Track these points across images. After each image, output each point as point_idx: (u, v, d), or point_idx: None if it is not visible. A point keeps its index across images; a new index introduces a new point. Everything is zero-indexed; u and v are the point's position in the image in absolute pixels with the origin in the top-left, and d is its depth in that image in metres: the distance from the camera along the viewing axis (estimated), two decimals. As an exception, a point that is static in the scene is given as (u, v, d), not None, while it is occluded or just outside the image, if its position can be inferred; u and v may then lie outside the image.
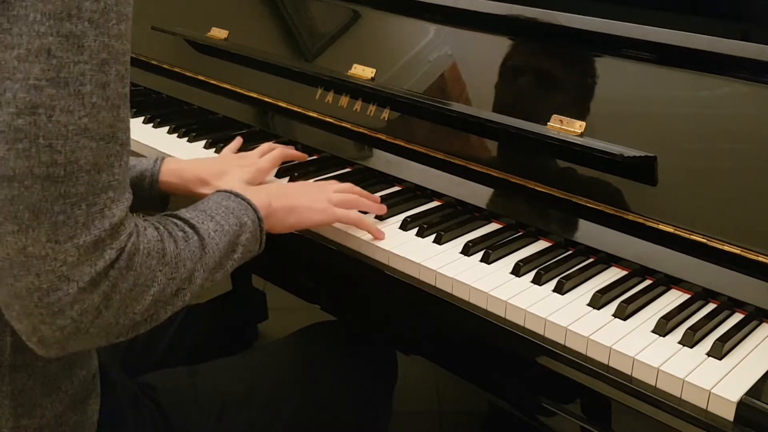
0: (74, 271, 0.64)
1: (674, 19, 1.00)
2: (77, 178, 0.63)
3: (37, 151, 0.62)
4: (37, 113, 0.61)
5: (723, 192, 0.90)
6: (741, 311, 0.86)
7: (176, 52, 1.53)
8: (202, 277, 0.77)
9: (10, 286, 0.64)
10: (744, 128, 0.91)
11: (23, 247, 0.63)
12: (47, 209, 0.62)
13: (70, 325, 0.65)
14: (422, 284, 0.93)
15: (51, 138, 0.62)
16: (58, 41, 0.61)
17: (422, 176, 1.13)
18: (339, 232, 1.01)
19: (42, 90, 0.61)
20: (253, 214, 0.87)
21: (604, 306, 0.86)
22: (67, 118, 0.62)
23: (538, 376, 0.88)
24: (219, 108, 1.43)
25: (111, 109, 0.65)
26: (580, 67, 1.05)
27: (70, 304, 0.64)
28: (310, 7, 1.38)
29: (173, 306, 0.74)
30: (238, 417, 0.97)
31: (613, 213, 0.94)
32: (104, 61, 0.64)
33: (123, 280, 0.67)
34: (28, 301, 0.64)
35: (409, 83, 1.18)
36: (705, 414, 0.72)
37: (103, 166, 0.65)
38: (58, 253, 0.63)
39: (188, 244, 0.76)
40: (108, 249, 0.65)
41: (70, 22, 0.61)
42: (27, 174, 0.62)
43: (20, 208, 0.62)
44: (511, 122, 1.03)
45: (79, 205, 0.64)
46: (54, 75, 0.62)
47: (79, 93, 0.63)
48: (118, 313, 0.68)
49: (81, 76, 0.63)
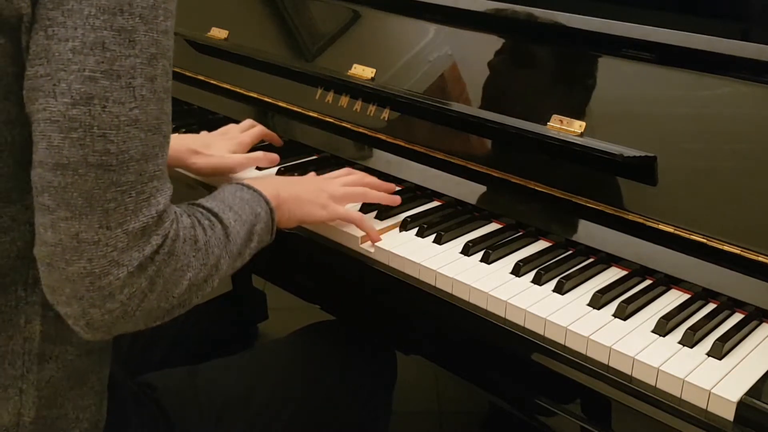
0: (124, 256, 0.67)
1: (674, 19, 1.00)
2: (128, 167, 0.66)
3: (92, 140, 0.64)
4: (91, 104, 0.64)
5: (723, 192, 0.90)
6: (741, 311, 0.86)
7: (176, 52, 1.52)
8: (227, 264, 0.80)
9: (62, 270, 0.66)
10: (744, 128, 0.91)
11: (76, 233, 0.65)
12: (99, 196, 0.65)
13: (119, 309, 0.68)
14: (422, 284, 0.93)
15: (105, 128, 0.64)
16: (111, 35, 0.64)
17: (422, 176, 1.13)
18: (339, 232, 1.01)
19: (97, 81, 0.64)
20: (266, 205, 0.89)
21: (604, 306, 0.86)
22: (120, 109, 0.65)
23: (538, 376, 0.88)
24: (219, 108, 1.43)
25: (158, 101, 0.68)
26: (580, 67, 1.05)
27: (120, 288, 0.67)
28: (310, 7, 1.38)
29: (203, 291, 0.77)
30: (238, 417, 0.97)
31: (613, 213, 0.94)
32: (153, 56, 0.67)
33: (166, 265, 0.70)
34: (80, 285, 0.66)
35: (409, 83, 1.18)
36: (705, 414, 0.72)
37: (150, 156, 0.68)
38: (109, 238, 0.66)
39: (214, 232, 0.78)
40: (155, 235, 0.68)
41: (122, 17, 0.64)
42: (81, 162, 0.64)
43: (74, 195, 0.65)
44: (511, 122, 1.03)
45: (129, 193, 0.66)
46: (108, 67, 0.64)
47: (130, 85, 0.65)
48: (160, 297, 0.71)
49: (132, 69, 0.65)
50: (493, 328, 0.87)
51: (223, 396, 0.97)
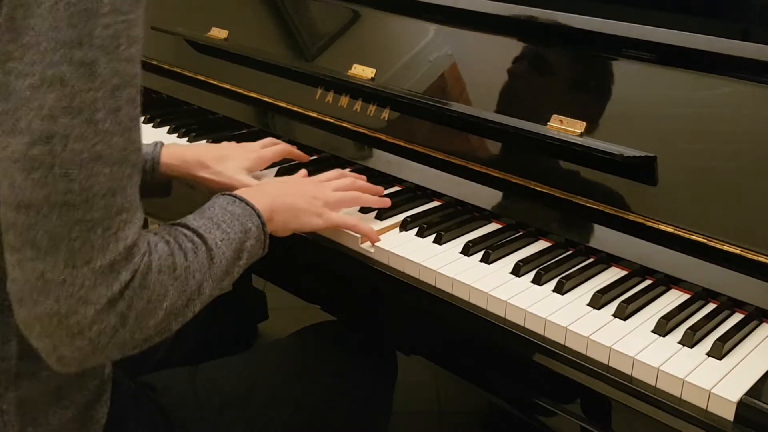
0: (91, 294, 0.65)
1: (674, 19, 1.00)
2: (93, 204, 0.64)
3: (54, 179, 0.62)
4: (52, 142, 0.62)
5: (723, 192, 0.90)
6: (741, 311, 0.86)
7: (176, 52, 1.53)
8: (210, 287, 0.79)
9: (30, 308, 0.65)
10: (744, 128, 0.91)
11: (42, 272, 0.64)
12: (64, 235, 0.63)
13: (88, 346, 0.66)
14: (422, 284, 0.93)
15: (66, 166, 0.62)
16: (70, 69, 0.62)
17: (422, 176, 1.13)
18: (339, 233, 1.01)
19: (57, 119, 0.62)
20: (257, 220, 0.87)
21: (604, 306, 0.86)
22: (82, 145, 0.63)
23: (538, 376, 0.88)
24: (219, 108, 1.43)
25: (123, 132, 0.65)
26: (580, 67, 1.05)
27: (88, 326, 0.65)
28: (310, 7, 1.38)
29: (184, 317, 0.76)
30: (238, 417, 0.97)
31: (613, 213, 0.94)
32: (116, 87, 0.64)
33: (138, 299, 0.68)
34: (48, 324, 0.65)
35: (409, 83, 1.18)
36: (705, 414, 0.72)
37: (117, 190, 0.66)
38: (75, 277, 0.64)
39: (197, 256, 0.77)
40: (123, 271, 0.67)
41: (81, 50, 0.62)
42: (44, 202, 0.63)
43: (38, 234, 0.63)
44: (511, 122, 1.03)
45: (95, 230, 0.64)
46: (68, 103, 0.62)
47: (92, 120, 0.63)
48: (134, 330, 0.69)
49: (94, 103, 0.63)
50: (493, 328, 0.87)
51: (223, 396, 0.97)
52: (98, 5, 0.62)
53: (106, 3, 0.63)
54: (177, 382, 0.97)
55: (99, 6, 0.62)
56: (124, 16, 0.64)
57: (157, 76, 1.56)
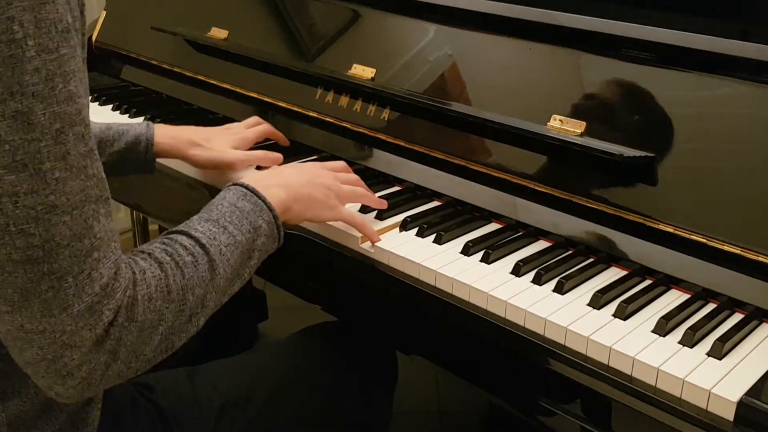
0: (75, 339, 0.64)
1: (674, 19, 1.00)
2: (57, 254, 0.62)
3: (11, 238, 0.60)
4: (1, 202, 0.59)
5: (723, 192, 0.89)
6: (741, 311, 0.86)
7: (176, 52, 1.53)
8: (215, 298, 0.77)
9: (18, 355, 0.65)
10: (744, 128, 0.91)
11: (20, 324, 0.63)
12: (34, 289, 0.62)
13: (80, 384, 0.66)
14: (422, 284, 0.93)
15: (21, 224, 0.60)
16: (6, 124, 0.58)
17: (422, 176, 1.13)
18: (339, 232, 1.01)
19: (1, 179, 0.59)
20: (269, 215, 0.85)
21: (604, 306, 0.86)
22: (34, 199, 0.60)
23: (537, 376, 0.88)
24: (219, 108, 1.43)
25: (77, 174, 0.63)
26: (580, 67, 1.05)
27: (77, 367, 0.65)
28: (310, 7, 1.38)
29: (188, 333, 0.74)
30: (238, 417, 0.97)
31: (613, 213, 0.94)
32: (59, 131, 0.61)
33: (127, 333, 0.67)
34: (38, 368, 0.65)
35: (409, 83, 1.18)
36: (705, 414, 0.72)
37: (82, 233, 0.63)
38: (54, 325, 0.63)
39: (197, 270, 0.75)
40: (105, 310, 0.65)
41: (14, 101, 0.58)
42: (6, 261, 0.61)
43: (8, 291, 0.62)
44: (511, 122, 1.03)
45: (65, 278, 0.62)
46: (9, 160, 0.59)
47: (39, 171, 0.60)
48: (128, 360, 0.68)
49: (38, 154, 0.60)
50: (493, 328, 0.87)
51: (222, 397, 0.97)
52: (23, 50, 0.58)
53: (30, 46, 0.58)
54: (176, 382, 0.97)
55: (24, 50, 0.58)
56: (54, 54, 0.60)
57: (157, 76, 1.56)
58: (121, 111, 1.48)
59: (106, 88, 1.61)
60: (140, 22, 1.61)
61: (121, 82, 1.65)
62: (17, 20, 0.58)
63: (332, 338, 1.13)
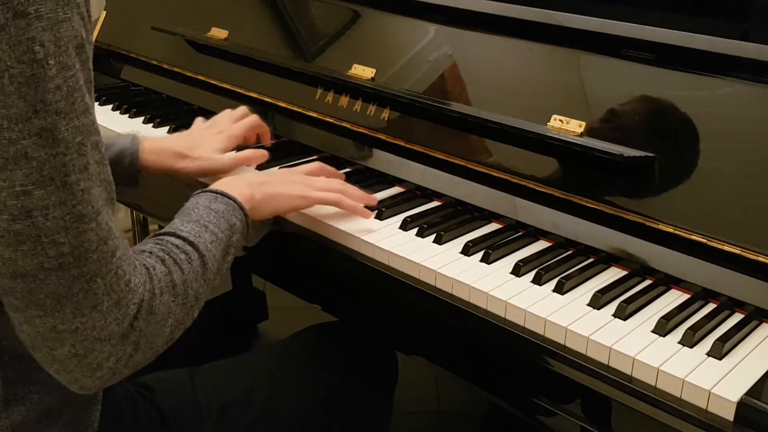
0: (104, 333, 0.67)
1: (674, 19, 1.00)
2: (86, 258, 0.65)
3: (43, 249, 0.62)
4: (32, 216, 0.61)
5: (723, 192, 0.89)
6: (741, 311, 0.86)
7: (176, 52, 1.53)
8: (205, 291, 0.81)
9: (47, 353, 0.67)
10: (744, 128, 0.91)
11: (53, 326, 0.65)
12: (66, 293, 0.64)
13: (107, 374, 0.69)
14: (422, 284, 0.93)
15: (52, 234, 0.62)
16: (32, 141, 0.60)
17: (422, 176, 1.13)
18: (340, 232, 1.01)
19: (30, 194, 0.61)
20: (241, 213, 0.89)
21: (604, 306, 0.86)
22: (63, 211, 0.62)
23: (538, 376, 0.88)
24: (219, 108, 1.42)
25: (96, 181, 0.65)
26: (580, 67, 1.05)
27: (106, 359, 0.68)
28: (310, 7, 1.38)
29: (185, 325, 0.78)
30: (238, 418, 0.97)
31: (613, 213, 0.94)
32: (80, 144, 0.63)
33: (147, 325, 0.70)
34: (68, 364, 0.67)
35: (409, 83, 1.18)
36: (705, 414, 0.72)
37: (107, 236, 0.66)
38: (86, 323, 0.66)
39: (192, 266, 0.78)
40: (130, 304, 0.68)
41: (38, 119, 0.60)
42: (38, 269, 0.63)
43: (40, 296, 0.64)
44: (511, 122, 1.03)
45: (94, 280, 0.65)
46: (38, 176, 0.61)
47: (66, 184, 0.62)
48: (145, 351, 0.72)
49: (63, 167, 0.62)
50: (493, 328, 0.87)
51: (222, 397, 0.97)
52: (44, 69, 0.60)
53: (52, 65, 0.60)
54: (176, 383, 0.97)
55: (45, 69, 0.60)
56: (72, 70, 0.62)
57: (157, 76, 1.56)
58: (121, 111, 1.48)
59: (106, 88, 1.61)
60: (140, 22, 1.61)
61: (121, 82, 1.65)
62: (38, 41, 0.59)
63: (332, 338, 1.13)
